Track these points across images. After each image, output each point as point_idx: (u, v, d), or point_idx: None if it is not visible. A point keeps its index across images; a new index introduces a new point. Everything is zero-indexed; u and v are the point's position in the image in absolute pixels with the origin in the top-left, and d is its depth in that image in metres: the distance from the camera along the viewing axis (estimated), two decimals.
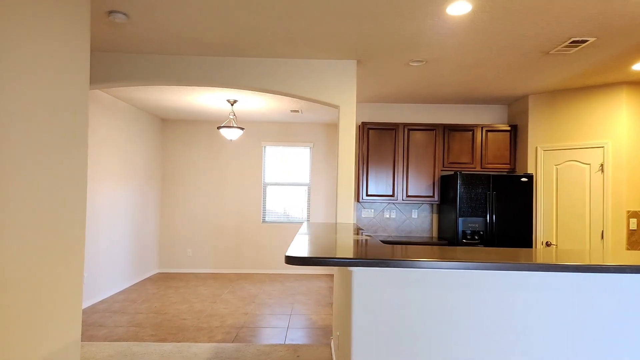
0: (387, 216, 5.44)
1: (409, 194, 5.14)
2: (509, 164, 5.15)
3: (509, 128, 5.17)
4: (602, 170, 4.26)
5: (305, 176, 7.50)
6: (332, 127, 7.45)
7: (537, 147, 4.78)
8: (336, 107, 3.76)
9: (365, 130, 5.19)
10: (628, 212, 4.14)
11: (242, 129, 5.55)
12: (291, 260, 1.52)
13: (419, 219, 5.44)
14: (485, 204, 4.59)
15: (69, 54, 2.14)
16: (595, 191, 4.30)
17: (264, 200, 7.43)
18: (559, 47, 3.20)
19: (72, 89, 2.17)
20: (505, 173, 5.18)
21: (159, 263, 7.25)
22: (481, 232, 4.55)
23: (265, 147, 7.48)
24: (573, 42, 3.06)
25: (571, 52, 3.31)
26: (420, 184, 5.16)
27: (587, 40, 3.03)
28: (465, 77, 4.22)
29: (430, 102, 5.50)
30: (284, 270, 7.30)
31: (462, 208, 4.58)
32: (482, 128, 5.17)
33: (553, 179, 4.63)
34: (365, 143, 5.19)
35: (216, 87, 3.75)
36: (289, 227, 7.36)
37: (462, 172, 4.63)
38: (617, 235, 4.15)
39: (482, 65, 3.82)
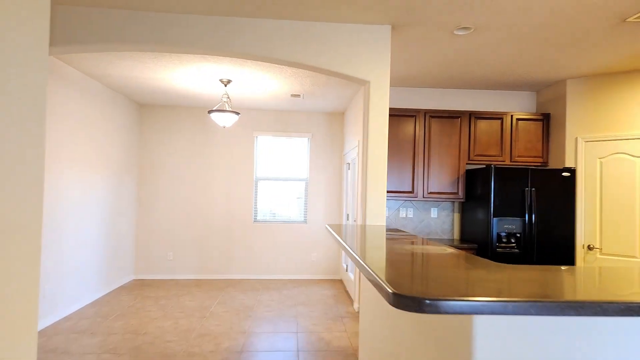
0: (404, 215, 4.85)
1: (430, 190, 4.56)
2: (542, 157, 4.63)
3: (541, 117, 4.65)
4: None
5: (302, 170, 6.84)
6: (334, 117, 6.81)
7: (577, 138, 4.27)
8: (364, 82, 3.11)
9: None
10: None
11: (237, 113, 4.84)
12: (405, 303, 0.88)
13: (438, 219, 4.87)
14: (522, 202, 4.05)
15: (22, 4, 1.41)
16: None
17: (256, 197, 6.73)
18: None
19: (26, 52, 1.45)
20: (538, 167, 4.66)
21: (135, 268, 6.45)
22: (518, 235, 4.01)
23: (257, 137, 6.77)
24: None
25: None
26: (442, 179, 4.58)
27: None
28: (509, 52, 3.65)
29: (454, 87, 4.92)
30: (278, 276, 6.63)
31: (497, 207, 4.02)
32: (511, 116, 4.63)
33: (596, 173, 4.13)
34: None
35: (205, 53, 3.03)
36: (284, 228, 6.69)
37: (496, 166, 4.07)
38: None
39: (536, 35, 3.25)
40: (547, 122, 4.65)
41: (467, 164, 4.65)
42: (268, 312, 4.72)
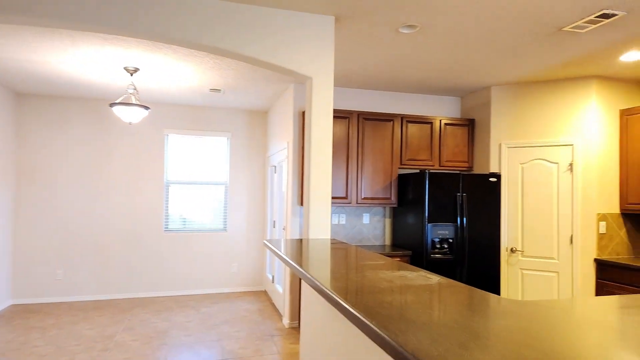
0: (336, 222, 4.64)
1: (364, 195, 4.41)
2: (468, 162, 4.77)
3: (467, 122, 4.78)
4: (571, 170, 4.07)
5: (221, 173, 6.29)
6: (256, 115, 6.38)
7: (500, 144, 4.45)
8: (306, 79, 2.79)
9: None
10: (598, 214, 4.00)
11: (146, 108, 4.18)
12: None
13: (370, 225, 4.76)
14: (454, 207, 4.08)
15: None
16: (564, 192, 4.09)
17: (167, 203, 6.02)
18: (579, 22, 2.74)
19: None
20: (465, 171, 4.78)
21: (12, 291, 5.34)
22: (450, 240, 4.03)
23: (168, 135, 6.06)
24: (600, 15, 2.61)
25: (585, 30, 2.90)
26: (375, 184, 4.46)
27: (615, 15, 2.61)
28: (449, 55, 3.62)
29: (387, 89, 4.85)
30: (194, 291, 6.01)
31: (431, 212, 4.00)
32: (440, 121, 4.69)
33: (518, 178, 4.34)
34: None
35: (100, 30, 2.47)
36: (201, 237, 6.09)
37: (430, 171, 4.05)
38: (587, 240, 3.99)
39: (479, 41, 3.24)
40: (472, 127, 4.80)
41: (399, 168, 4.60)
42: (186, 337, 4.16)
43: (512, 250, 4.31)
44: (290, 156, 4.60)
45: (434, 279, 1.44)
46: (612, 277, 3.81)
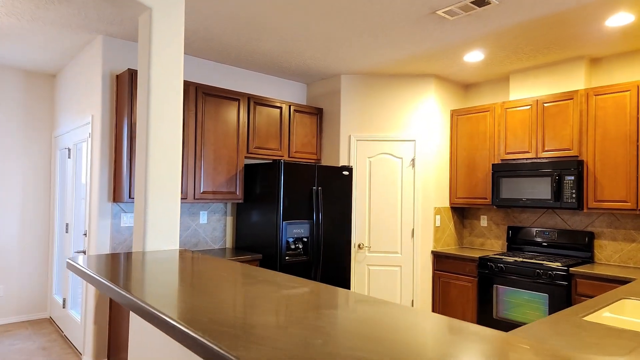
0: None
1: (204, 189, 3.61)
2: (316, 153, 4.49)
3: (316, 111, 4.50)
4: (414, 166, 4.22)
5: None
6: (38, 79, 4.71)
7: (350, 136, 4.32)
8: (141, 10, 1.88)
9: (135, 83, 3.25)
10: (435, 208, 4.26)
11: None
12: None
13: (208, 225, 3.98)
14: (310, 202, 3.71)
15: None
16: (407, 187, 4.22)
17: None
18: (454, 6, 2.67)
19: None
20: (313, 164, 4.49)
21: None
22: (305, 239, 3.64)
23: None
24: (476, 1, 2.58)
25: (453, 17, 2.88)
26: (218, 176, 3.72)
27: (489, 3, 2.62)
28: (303, 28, 3.17)
29: (232, 64, 4.11)
30: None
31: (286, 208, 3.52)
32: (290, 107, 4.27)
33: (366, 172, 4.28)
34: (135, 104, 3.24)
35: None
36: None
37: (285, 161, 3.56)
38: (426, 233, 4.21)
39: (344, 11, 2.89)
40: (320, 117, 4.55)
41: (245, 157, 3.97)
42: None
43: (359, 247, 4.23)
44: (97, 134, 3.41)
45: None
46: (445, 268, 4.09)
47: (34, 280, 4.64)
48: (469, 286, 3.87)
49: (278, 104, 4.16)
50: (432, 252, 4.21)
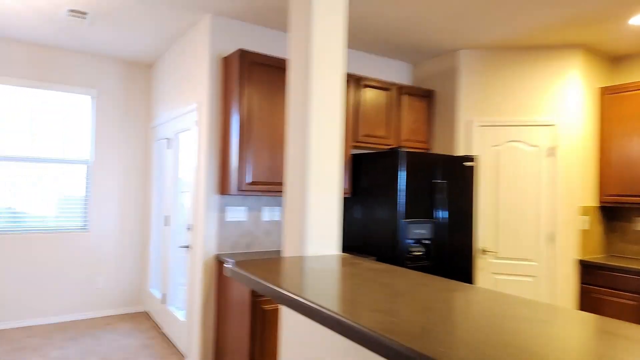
0: (268, 218, 3.47)
1: None
2: (426, 141, 4.05)
3: (426, 93, 4.05)
4: (553, 156, 3.62)
5: (81, 147, 4.52)
6: (136, 69, 4.75)
7: (471, 122, 3.81)
8: None
9: (247, 66, 3.04)
10: (580, 208, 3.63)
11: None
12: None
13: None
14: (431, 198, 3.28)
15: None
16: (545, 181, 3.63)
17: None
18: None
19: None
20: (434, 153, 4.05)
21: None
22: (427, 242, 3.23)
23: None
24: None
25: None
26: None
27: None
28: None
29: None
30: (38, 320, 4.20)
31: (406, 205, 3.13)
32: (400, 88, 3.86)
33: (492, 164, 3.76)
34: (245, 89, 3.03)
35: None
36: (47, 239, 4.28)
37: (404, 150, 3.16)
38: (569, 238, 3.58)
39: None
40: (431, 100, 4.09)
41: (352, 147, 3.64)
42: None
43: (483, 252, 3.73)
44: (203, 122, 3.26)
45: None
46: (597, 282, 3.45)
47: (131, 273, 4.72)
48: (632, 306, 3.21)
49: (386, 86, 3.77)
50: (580, 261, 3.58)
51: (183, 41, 3.76)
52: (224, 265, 1.46)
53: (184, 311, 3.59)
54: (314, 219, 1.57)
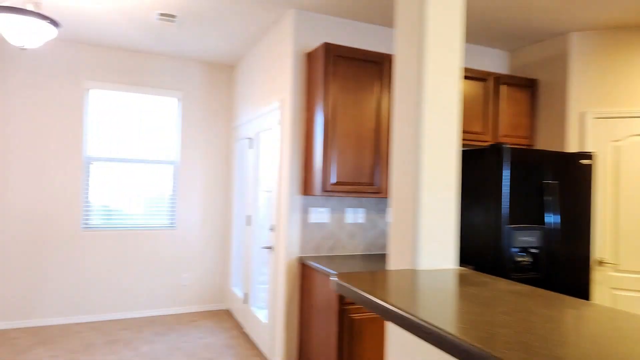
0: (351, 220, 3.31)
1: None
2: (528, 137, 3.63)
3: (529, 83, 3.63)
4: None
5: (169, 148, 4.70)
6: (218, 70, 4.84)
7: (585, 113, 3.34)
8: None
9: (332, 61, 2.90)
10: None
11: (54, 23, 2.54)
12: None
13: None
14: (540, 202, 2.90)
15: None
16: None
17: (87, 189, 4.35)
18: None
19: None
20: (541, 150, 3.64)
21: None
22: (535, 251, 2.86)
23: (90, 90, 4.36)
24: None
25: None
26: None
27: None
28: None
29: None
30: (128, 313, 4.42)
31: (511, 209, 2.79)
32: (497, 79, 3.49)
33: (612, 162, 3.26)
34: (330, 84, 2.90)
35: None
36: (137, 236, 4.49)
37: (508, 146, 2.82)
38: None
39: None
40: (534, 90, 3.67)
41: None
42: None
43: (599, 263, 3.25)
44: (286, 120, 3.18)
45: None
46: None
47: (213, 271, 4.82)
48: None
49: (482, 76, 3.43)
50: None
51: (266, 39, 3.72)
52: (330, 278, 1.32)
53: (265, 311, 3.55)
54: (427, 225, 1.36)
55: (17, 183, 4.00)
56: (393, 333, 1.43)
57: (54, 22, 2.52)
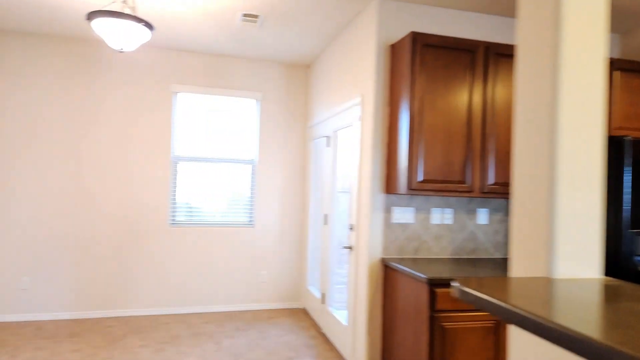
0: (438, 221, 3.10)
1: (492, 180, 2.86)
2: None
3: None
4: None
5: (248, 147, 4.80)
6: (294, 71, 4.84)
7: None
8: None
9: (419, 50, 2.73)
10: None
11: (148, 26, 2.67)
12: None
13: (489, 227, 3.22)
14: None
15: None
16: None
17: (174, 187, 4.57)
18: None
19: None
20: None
21: None
22: None
23: (177, 94, 4.58)
24: None
25: None
26: (510, 163, 2.91)
27: None
28: None
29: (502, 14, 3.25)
30: (210, 307, 4.57)
31: (632, 211, 2.43)
32: (610, 64, 3.09)
33: None
34: (417, 75, 2.73)
35: None
36: (218, 233, 4.62)
37: (632, 139, 2.47)
38: None
39: None
40: None
41: None
42: None
43: None
44: (368, 116, 3.06)
45: None
46: None
47: (290, 269, 4.84)
48: None
49: None
50: None
51: (345, 34, 3.64)
52: (451, 284, 1.19)
53: (343, 312, 3.46)
54: (565, 226, 1.16)
55: (110, 181, 4.30)
56: (518, 348, 1.25)
57: (148, 25, 2.64)
